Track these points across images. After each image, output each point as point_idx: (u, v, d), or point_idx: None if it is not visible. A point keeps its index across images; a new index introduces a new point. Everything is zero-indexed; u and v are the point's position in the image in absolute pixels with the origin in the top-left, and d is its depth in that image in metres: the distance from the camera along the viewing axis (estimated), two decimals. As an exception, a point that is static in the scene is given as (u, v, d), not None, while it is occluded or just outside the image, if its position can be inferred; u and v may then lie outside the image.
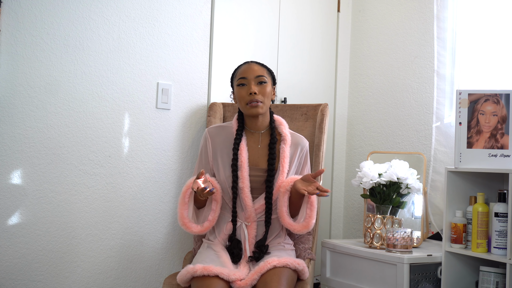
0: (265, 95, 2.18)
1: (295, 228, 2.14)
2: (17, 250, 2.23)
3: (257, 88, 2.17)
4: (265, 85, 2.18)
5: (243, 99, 2.18)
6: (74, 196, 2.35)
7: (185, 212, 2.14)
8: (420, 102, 2.86)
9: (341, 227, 3.22)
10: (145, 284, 2.55)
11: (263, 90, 2.18)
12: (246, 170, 2.16)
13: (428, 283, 2.29)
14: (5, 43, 2.18)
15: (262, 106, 2.17)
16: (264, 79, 2.19)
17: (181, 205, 2.14)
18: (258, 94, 2.17)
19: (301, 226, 2.14)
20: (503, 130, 2.20)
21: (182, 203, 2.14)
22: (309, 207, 2.14)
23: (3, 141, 2.19)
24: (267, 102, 2.19)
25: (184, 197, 2.14)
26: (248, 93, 2.16)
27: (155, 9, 2.56)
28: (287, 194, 2.15)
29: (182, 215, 2.14)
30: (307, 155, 2.28)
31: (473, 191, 2.30)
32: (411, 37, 2.93)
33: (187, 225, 2.15)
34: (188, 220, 2.14)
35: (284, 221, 2.15)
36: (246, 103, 2.17)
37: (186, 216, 2.14)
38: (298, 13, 3.07)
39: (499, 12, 2.52)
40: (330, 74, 3.21)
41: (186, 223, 2.14)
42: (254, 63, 2.24)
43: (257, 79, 2.18)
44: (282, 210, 2.15)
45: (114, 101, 2.45)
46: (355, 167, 2.83)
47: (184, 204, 2.14)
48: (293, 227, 2.14)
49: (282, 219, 2.15)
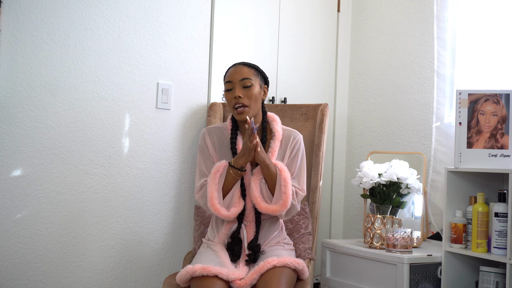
0: (251, 98, 2.16)
1: (273, 209, 2.11)
2: (17, 250, 2.23)
3: (242, 91, 2.16)
4: (251, 88, 2.16)
5: (230, 103, 2.18)
6: (74, 196, 2.36)
7: (215, 193, 2.10)
8: (420, 102, 2.86)
9: (341, 227, 3.22)
10: (145, 284, 2.55)
11: (249, 93, 2.16)
12: (248, 168, 2.16)
13: (428, 283, 2.29)
14: (5, 43, 2.19)
15: (248, 111, 2.15)
16: (249, 82, 2.16)
17: (212, 185, 2.10)
18: (244, 98, 2.15)
19: (279, 205, 2.10)
20: (503, 130, 2.19)
21: (213, 183, 2.10)
22: (283, 183, 2.10)
23: (3, 141, 2.19)
24: (253, 105, 2.17)
25: (215, 177, 2.10)
26: (233, 97, 2.16)
27: (155, 9, 2.56)
28: (258, 179, 2.13)
29: (213, 195, 2.10)
30: (299, 147, 2.24)
31: (473, 191, 2.30)
32: (411, 37, 2.93)
33: (215, 207, 2.10)
34: (218, 201, 2.10)
35: (259, 206, 2.12)
36: (232, 106, 2.17)
37: (217, 197, 2.10)
38: (298, 13, 3.07)
39: (499, 12, 2.52)
40: (330, 74, 3.21)
41: (215, 204, 2.10)
42: (241, 65, 2.21)
43: (242, 82, 2.16)
44: (255, 195, 2.13)
45: (114, 101, 2.45)
46: (355, 167, 2.83)
47: (215, 184, 2.10)
48: (270, 209, 2.11)
49: (257, 205, 2.12)
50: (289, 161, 2.22)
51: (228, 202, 2.13)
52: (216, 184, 2.11)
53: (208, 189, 2.11)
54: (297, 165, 2.22)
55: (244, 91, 2.16)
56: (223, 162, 2.14)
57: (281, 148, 2.23)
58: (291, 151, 2.23)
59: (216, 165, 2.14)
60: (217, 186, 2.11)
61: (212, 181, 2.11)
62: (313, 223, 2.44)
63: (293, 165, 2.21)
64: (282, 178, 2.11)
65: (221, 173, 2.12)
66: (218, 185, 2.11)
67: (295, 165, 2.21)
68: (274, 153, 2.19)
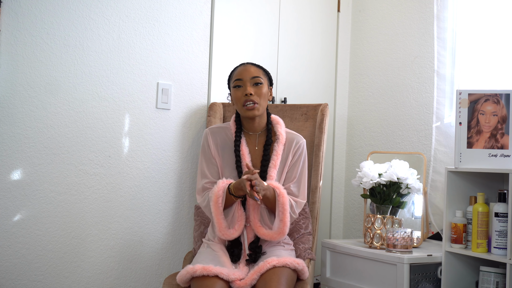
0: (261, 96, 2.18)
1: (272, 235, 2.12)
2: (17, 250, 2.23)
3: (253, 89, 2.17)
4: (261, 86, 2.18)
5: (239, 100, 2.18)
6: (74, 196, 2.35)
7: (223, 222, 2.11)
8: (420, 102, 2.86)
9: (341, 227, 3.22)
10: (145, 284, 2.55)
11: (259, 91, 2.18)
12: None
13: (428, 283, 2.29)
14: (5, 43, 2.19)
15: (258, 108, 2.17)
16: (260, 80, 2.19)
17: (217, 215, 2.10)
18: (254, 95, 2.16)
19: (277, 232, 2.11)
20: (503, 130, 2.19)
21: (217, 213, 2.10)
22: (281, 210, 2.10)
23: (3, 141, 2.19)
24: (263, 104, 2.19)
25: (218, 205, 2.09)
26: (244, 94, 2.16)
27: (155, 9, 2.56)
28: (257, 205, 2.14)
29: (221, 225, 2.10)
30: (302, 152, 2.24)
31: (473, 191, 2.30)
32: (411, 37, 2.93)
33: (226, 234, 2.11)
34: (227, 229, 2.11)
35: (259, 232, 2.13)
36: (242, 104, 2.17)
37: (225, 226, 2.11)
38: (298, 13, 3.07)
39: (499, 12, 2.52)
40: (330, 74, 3.21)
41: (225, 233, 2.11)
42: (250, 65, 2.23)
43: (253, 80, 2.18)
44: (255, 222, 2.14)
45: (114, 101, 2.45)
46: (355, 167, 2.83)
47: (220, 214, 2.10)
48: (270, 236, 2.12)
49: (256, 231, 2.14)
50: (291, 166, 2.23)
51: (231, 220, 2.14)
52: (221, 213, 2.11)
53: (214, 218, 2.11)
54: (298, 171, 2.22)
55: (255, 88, 2.17)
56: (222, 185, 2.10)
57: (284, 152, 2.23)
58: (293, 156, 2.23)
59: (215, 189, 2.10)
60: (222, 215, 2.11)
61: (216, 209, 2.10)
62: (313, 223, 2.44)
63: (294, 170, 2.22)
64: (280, 204, 2.10)
65: (222, 198, 2.10)
66: (222, 213, 2.11)
67: (296, 170, 2.22)
68: (278, 156, 2.19)
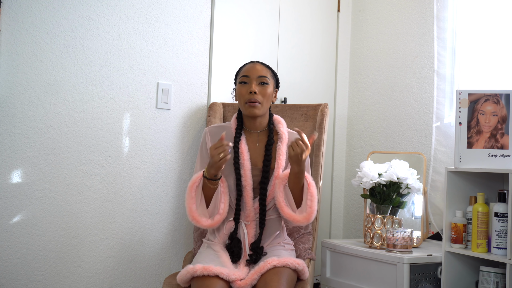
0: (265, 96, 2.17)
1: (297, 218, 2.11)
2: (17, 250, 2.23)
3: (258, 88, 2.17)
4: (266, 86, 2.18)
5: (243, 97, 2.18)
6: (74, 196, 2.35)
7: (193, 206, 2.11)
8: (420, 102, 2.86)
9: (341, 227, 3.22)
10: (145, 284, 2.55)
11: (264, 91, 2.17)
12: (248, 168, 2.15)
13: (428, 283, 2.29)
14: (5, 43, 2.19)
15: (260, 107, 2.17)
16: (266, 80, 2.18)
17: (189, 199, 2.11)
18: (258, 94, 2.16)
19: (303, 217, 2.10)
20: (503, 130, 2.20)
21: (189, 197, 2.11)
22: (310, 198, 2.10)
23: (3, 141, 2.19)
24: (265, 104, 2.19)
25: (191, 191, 2.11)
26: (248, 92, 2.16)
27: (155, 9, 2.56)
28: (283, 184, 2.13)
29: (191, 209, 2.11)
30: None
31: (473, 191, 2.30)
32: (411, 37, 2.93)
33: (197, 219, 2.11)
34: (197, 214, 2.11)
35: (283, 211, 2.12)
36: (245, 101, 2.17)
37: (195, 209, 2.11)
38: (298, 13, 3.07)
39: (499, 12, 2.52)
40: (330, 74, 3.21)
41: (195, 217, 2.11)
42: (259, 63, 2.23)
43: (259, 79, 2.18)
44: (279, 200, 2.13)
45: (114, 101, 2.45)
46: (355, 167, 2.83)
47: (192, 198, 2.11)
48: (293, 217, 2.11)
49: (281, 210, 2.13)
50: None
51: (211, 210, 2.13)
52: (193, 198, 2.11)
53: (186, 204, 2.12)
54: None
55: (260, 88, 2.17)
56: (199, 173, 2.12)
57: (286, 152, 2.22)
58: None
59: (193, 177, 2.13)
60: (194, 199, 2.11)
61: (188, 195, 2.11)
62: (313, 223, 2.44)
63: None
64: (309, 193, 2.10)
65: (197, 185, 2.11)
66: (194, 198, 2.11)
67: None
68: (282, 155, 2.19)
